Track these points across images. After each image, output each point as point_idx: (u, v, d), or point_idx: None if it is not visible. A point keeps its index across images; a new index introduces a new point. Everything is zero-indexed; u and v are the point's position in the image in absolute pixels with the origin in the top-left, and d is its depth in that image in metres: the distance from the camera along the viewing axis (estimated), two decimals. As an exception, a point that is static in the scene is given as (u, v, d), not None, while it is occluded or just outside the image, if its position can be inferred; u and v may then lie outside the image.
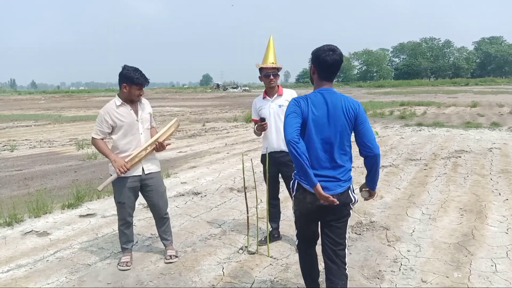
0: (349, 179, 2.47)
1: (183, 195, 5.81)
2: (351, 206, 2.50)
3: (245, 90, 67.07)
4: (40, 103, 38.30)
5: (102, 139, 3.45)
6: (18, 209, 4.98)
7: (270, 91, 3.79)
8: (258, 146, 10.03)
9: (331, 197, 2.32)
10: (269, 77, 3.70)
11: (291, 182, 2.57)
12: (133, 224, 3.76)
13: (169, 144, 3.60)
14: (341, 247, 2.51)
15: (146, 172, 3.52)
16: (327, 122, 2.37)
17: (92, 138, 3.46)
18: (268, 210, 3.88)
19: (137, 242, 4.02)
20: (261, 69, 3.70)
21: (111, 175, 3.42)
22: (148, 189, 3.57)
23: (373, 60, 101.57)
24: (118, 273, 3.41)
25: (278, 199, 4.01)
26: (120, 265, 3.53)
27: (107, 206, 5.32)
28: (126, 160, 3.35)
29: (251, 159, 4.13)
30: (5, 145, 11.05)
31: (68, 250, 3.92)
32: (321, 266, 2.74)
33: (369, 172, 2.48)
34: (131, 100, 3.46)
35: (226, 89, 70.99)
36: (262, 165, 3.93)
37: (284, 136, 2.33)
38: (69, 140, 12.04)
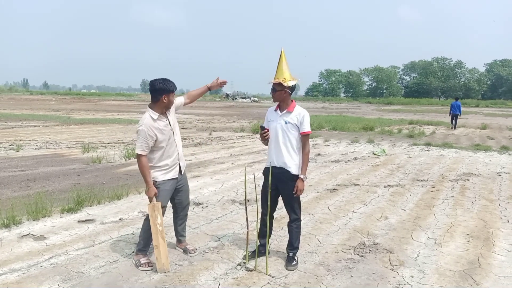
0: None
1: (184, 205, 5.73)
2: None
3: (254, 100, 67.29)
4: (50, 103, 38.69)
5: (145, 155, 3.51)
6: (17, 211, 4.94)
7: (281, 105, 3.71)
8: (263, 158, 9.95)
9: None
10: (271, 92, 3.68)
11: None
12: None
13: None
14: None
15: (182, 171, 3.78)
16: None
17: (138, 154, 3.50)
18: (267, 225, 3.78)
19: (131, 254, 3.92)
20: None
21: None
22: (180, 189, 3.81)
23: (383, 77, 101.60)
24: (111, 284, 3.32)
25: (273, 217, 3.92)
26: (142, 267, 3.60)
27: (107, 212, 5.26)
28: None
29: (254, 173, 4.06)
30: (11, 145, 11.10)
31: (63, 256, 3.85)
32: None
33: None
34: (167, 108, 3.63)
35: (235, 98, 71.25)
36: (263, 178, 3.84)
37: None
38: (76, 143, 12.06)
